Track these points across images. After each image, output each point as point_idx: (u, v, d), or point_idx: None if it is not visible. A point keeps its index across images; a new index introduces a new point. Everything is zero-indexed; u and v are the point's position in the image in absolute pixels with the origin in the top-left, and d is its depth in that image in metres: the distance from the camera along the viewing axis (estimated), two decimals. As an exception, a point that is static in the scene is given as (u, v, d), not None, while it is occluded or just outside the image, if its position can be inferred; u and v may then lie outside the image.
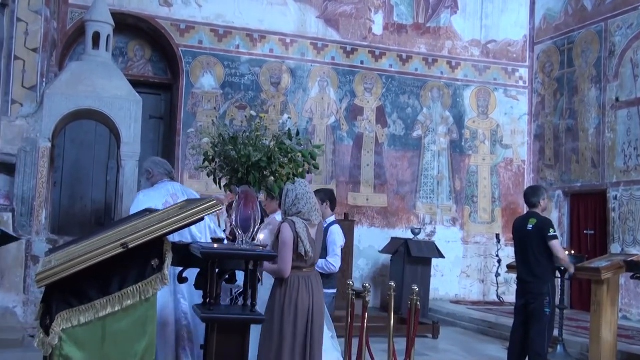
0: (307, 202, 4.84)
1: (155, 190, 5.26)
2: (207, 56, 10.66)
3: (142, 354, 3.45)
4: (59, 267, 3.27)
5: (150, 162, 5.61)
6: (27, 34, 7.88)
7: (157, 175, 5.40)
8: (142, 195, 5.22)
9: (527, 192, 6.74)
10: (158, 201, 5.05)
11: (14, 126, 7.70)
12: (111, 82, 7.94)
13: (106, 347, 3.38)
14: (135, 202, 5.14)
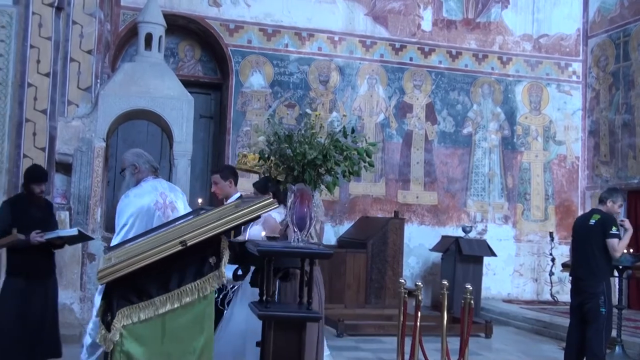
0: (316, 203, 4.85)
1: (144, 189, 4.92)
2: (256, 55, 10.72)
3: (200, 351, 3.48)
4: (119, 264, 3.32)
5: (135, 155, 5.19)
6: (82, 36, 8.03)
7: (143, 170, 5.00)
8: (132, 196, 4.85)
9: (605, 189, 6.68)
10: (149, 201, 4.85)
11: (70, 127, 7.86)
12: (163, 82, 8.04)
13: (166, 344, 3.42)
14: (126, 203, 4.82)
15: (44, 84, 7.66)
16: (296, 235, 3.76)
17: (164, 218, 4.85)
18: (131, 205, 4.77)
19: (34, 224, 5.63)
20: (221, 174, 6.28)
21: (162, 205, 4.91)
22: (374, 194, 11.11)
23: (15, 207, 5.99)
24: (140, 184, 4.95)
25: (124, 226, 4.72)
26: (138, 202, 4.79)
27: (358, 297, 9.77)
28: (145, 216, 4.78)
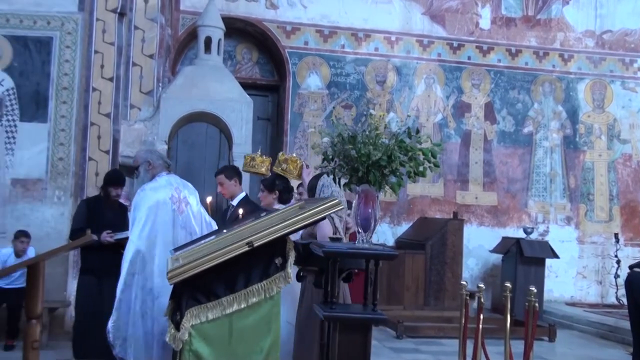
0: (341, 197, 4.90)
1: (160, 183, 5.05)
2: (312, 57, 10.75)
3: (267, 351, 3.51)
4: (187, 265, 3.38)
5: (148, 152, 5.42)
6: (144, 41, 8.19)
7: (157, 166, 5.16)
8: (149, 190, 4.98)
9: None
10: (165, 195, 4.97)
11: (133, 130, 8.03)
12: (223, 85, 8.15)
13: (233, 343, 3.46)
14: (142, 196, 4.93)
15: (108, 88, 7.85)
16: (361, 236, 3.75)
17: (178, 213, 4.99)
18: (148, 199, 4.89)
19: (106, 224, 5.84)
20: (225, 174, 6.31)
21: (177, 199, 5.03)
22: (433, 195, 11.01)
23: (91, 207, 6.22)
24: (155, 179, 5.09)
25: (140, 219, 4.85)
26: (154, 196, 4.91)
27: (417, 299, 9.70)
28: (162, 210, 4.91)
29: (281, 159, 6.04)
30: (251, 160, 6.74)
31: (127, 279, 4.80)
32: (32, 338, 2.91)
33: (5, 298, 7.03)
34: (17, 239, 7.19)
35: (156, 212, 4.88)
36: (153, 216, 4.86)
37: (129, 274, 4.80)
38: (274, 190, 5.75)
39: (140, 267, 4.81)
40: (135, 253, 4.81)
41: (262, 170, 6.65)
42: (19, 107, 7.64)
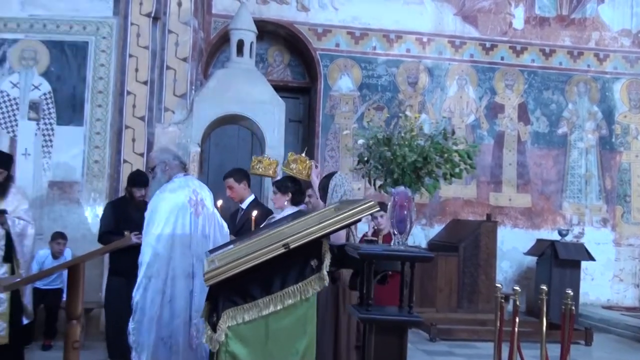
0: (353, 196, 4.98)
1: (178, 185, 4.96)
2: (344, 58, 10.74)
3: (303, 353, 3.51)
4: (224, 266, 3.39)
5: (163, 152, 5.27)
6: (178, 44, 8.27)
7: (173, 167, 5.04)
8: (168, 192, 4.88)
9: None
10: (184, 197, 4.89)
11: (166, 133, 8.10)
12: (255, 88, 8.18)
13: (269, 345, 3.47)
14: (162, 199, 4.84)
15: (142, 91, 7.95)
16: (396, 238, 3.74)
17: (196, 215, 4.92)
18: (167, 201, 4.81)
19: (133, 225, 5.87)
20: (234, 178, 6.31)
21: (195, 202, 4.96)
22: (465, 197, 10.92)
23: (117, 209, 6.29)
24: (172, 180, 4.98)
25: (159, 222, 4.76)
26: (173, 199, 4.83)
27: (450, 301, 9.62)
28: (180, 212, 4.84)
29: (290, 159, 5.97)
30: (258, 162, 6.71)
31: (144, 283, 4.75)
32: (73, 338, 2.95)
33: (43, 299, 7.15)
34: (54, 241, 7.31)
35: (175, 215, 4.81)
36: (173, 219, 4.80)
37: (146, 277, 4.74)
38: (287, 192, 5.71)
39: (158, 271, 4.75)
40: (153, 256, 4.74)
41: (270, 173, 6.65)
42: (56, 111, 7.78)
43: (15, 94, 7.77)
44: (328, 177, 5.21)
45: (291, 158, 5.96)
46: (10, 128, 7.69)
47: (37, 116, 7.76)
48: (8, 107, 7.73)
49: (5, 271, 6.12)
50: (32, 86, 7.79)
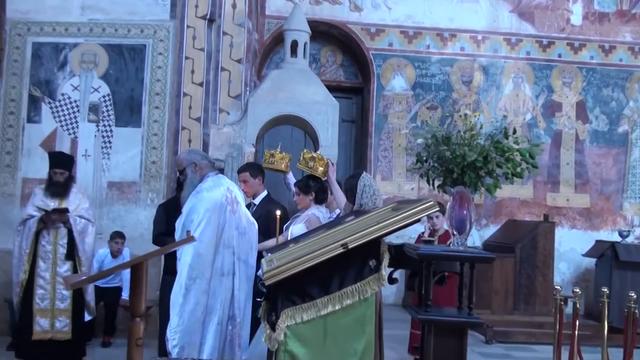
0: (380, 197, 4.92)
1: (213, 184, 4.93)
2: (397, 58, 10.68)
3: (361, 353, 3.50)
4: (283, 266, 3.41)
5: (191, 153, 5.29)
6: (232, 46, 8.34)
7: (204, 167, 5.03)
8: (205, 191, 4.85)
9: None
10: (220, 196, 4.86)
11: (221, 133, 8.18)
12: (309, 88, 8.20)
13: (327, 345, 3.47)
14: (200, 198, 4.80)
15: (198, 93, 8.06)
16: (456, 238, 3.70)
17: (232, 213, 4.89)
18: (206, 201, 4.76)
19: None
20: (250, 172, 6.19)
21: (230, 200, 4.94)
22: (521, 197, 10.73)
23: (168, 210, 6.35)
24: (205, 179, 4.95)
25: (200, 222, 4.70)
26: (211, 197, 4.79)
27: (506, 303, 9.46)
28: (218, 211, 4.81)
29: (307, 157, 5.90)
30: (270, 156, 6.60)
31: (188, 284, 4.66)
32: (136, 336, 3.00)
33: (103, 296, 7.31)
34: (112, 240, 7.46)
35: (214, 214, 4.78)
36: (214, 218, 4.77)
37: (190, 278, 4.66)
38: (310, 192, 5.67)
39: (202, 272, 4.70)
40: (196, 257, 4.67)
41: (282, 167, 6.54)
42: (115, 113, 7.94)
43: (75, 96, 7.96)
44: (355, 178, 5.11)
45: (307, 156, 5.90)
46: (71, 130, 7.88)
47: (97, 118, 7.94)
48: (69, 109, 7.93)
49: (68, 268, 6.30)
50: (91, 89, 7.97)
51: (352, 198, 5.07)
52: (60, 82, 7.97)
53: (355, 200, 5.00)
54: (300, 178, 6.08)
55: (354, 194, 5.00)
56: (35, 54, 7.97)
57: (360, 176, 5.09)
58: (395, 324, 7.88)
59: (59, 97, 7.95)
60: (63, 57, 7.96)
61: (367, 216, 3.75)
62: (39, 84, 7.96)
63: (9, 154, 7.97)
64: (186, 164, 5.03)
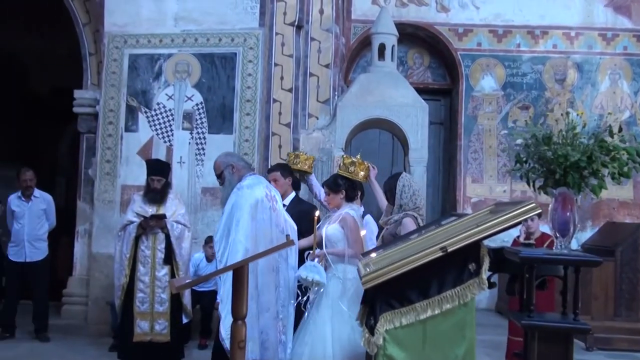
0: (421, 197, 4.94)
1: (253, 182, 4.99)
2: (486, 58, 10.48)
3: (462, 359, 3.43)
4: (380, 270, 3.39)
5: (228, 155, 5.33)
6: (320, 51, 8.41)
7: (241, 168, 5.10)
8: (246, 188, 4.89)
9: None
10: (262, 193, 4.91)
11: (311, 138, 8.25)
12: (397, 91, 8.15)
13: (427, 350, 3.42)
14: (241, 195, 4.83)
15: (287, 99, 8.16)
16: (559, 241, 3.57)
17: (272, 210, 4.91)
18: (248, 197, 4.81)
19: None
20: (281, 172, 6.17)
21: (270, 197, 4.98)
22: (620, 198, 10.29)
23: None
24: (244, 179, 5.00)
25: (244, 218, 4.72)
26: (253, 194, 4.84)
27: (606, 309, 9.06)
28: (261, 207, 4.84)
29: (347, 162, 5.87)
30: (295, 157, 6.70)
31: None
32: (239, 338, 3.06)
33: (199, 300, 7.49)
34: (207, 244, 7.63)
35: (257, 210, 4.82)
36: (256, 214, 4.80)
37: None
38: (340, 190, 5.58)
39: (251, 267, 4.53)
40: (245, 253, 4.65)
41: (305, 168, 6.64)
42: (207, 120, 8.13)
43: (170, 105, 8.20)
44: (394, 178, 5.14)
45: (347, 161, 5.89)
46: (166, 138, 8.13)
47: (191, 126, 8.14)
48: (164, 118, 8.18)
49: (166, 272, 6.50)
50: (185, 97, 8.19)
51: (392, 199, 5.04)
52: (156, 91, 8.23)
53: (395, 201, 4.96)
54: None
55: (393, 195, 4.98)
56: (132, 66, 8.26)
57: (400, 177, 5.05)
58: (489, 329, 7.73)
59: (155, 107, 8.21)
60: (158, 67, 8.21)
61: (465, 219, 3.69)
62: (136, 94, 8.24)
63: (108, 162, 8.28)
64: (223, 166, 5.11)
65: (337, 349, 4.86)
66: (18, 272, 7.90)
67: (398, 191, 4.94)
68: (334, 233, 5.27)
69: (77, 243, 8.63)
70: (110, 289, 7.19)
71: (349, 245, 5.24)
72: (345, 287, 5.09)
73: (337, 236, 5.27)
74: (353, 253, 5.18)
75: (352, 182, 5.67)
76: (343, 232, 5.28)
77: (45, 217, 8.13)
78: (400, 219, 4.92)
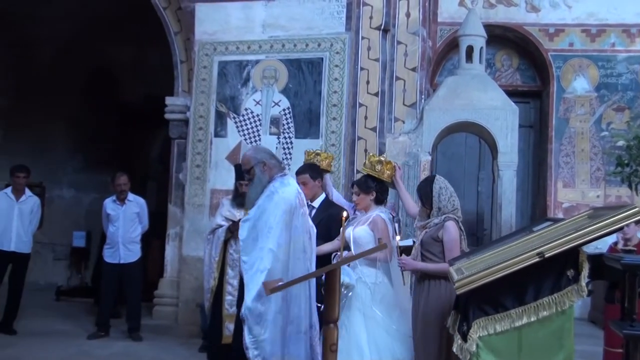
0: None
1: (285, 184, 4.65)
2: (579, 58, 10.12)
3: (559, 368, 3.31)
4: (474, 275, 3.32)
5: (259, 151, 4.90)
6: (406, 55, 8.35)
7: (272, 166, 4.73)
8: (280, 192, 4.56)
9: None
10: (293, 197, 4.60)
11: (397, 142, 8.20)
12: (486, 94, 7.99)
13: (522, 358, 3.33)
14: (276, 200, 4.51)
15: (373, 103, 8.13)
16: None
17: (302, 216, 4.64)
18: (282, 202, 4.50)
19: None
20: (310, 174, 5.97)
21: (302, 201, 4.72)
22: None
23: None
24: (276, 179, 4.66)
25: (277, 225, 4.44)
26: (286, 199, 4.54)
27: None
28: (294, 212, 4.55)
29: (374, 160, 5.67)
30: (315, 155, 6.53)
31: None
32: (330, 341, 3.06)
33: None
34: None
35: (290, 216, 4.52)
36: (290, 221, 4.51)
37: None
38: (371, 191, 5.44)
39: (280, 276, 4.36)
40: (275, 262, 4.38)
41: (324, 165, 6.44)
42: (294, 125, 8.21)
43: (258, 110, 8.34)
44: (429, 182, 5.03)
45: (374, 159, 5.70)
46: (254, 142, 8.26)
47: (278, 131, 8.25)
48: (252, 123, 8.32)
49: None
50: (272, 103, 8.31)
51: (428, 202, 4.91)
52: (244, 97, 8.39)
53: (433, 204, 4.86)
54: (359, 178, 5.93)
55: (430, 198, 4.88)
56: (221, 72, 8.46)
57: (435, 179, 4.94)
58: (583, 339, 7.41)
59: (243, 112, 8.37)
60: (246, 73, 8.37)
61: (562, 224, 3.56)
62: (225, 100, 8.43)
63: (198, 167, 8.50)
64: (254, 162, 4.71)
65: (375, 355, 4.78)
66: (113, 273, 8.20)
67: (435, 194, 4.87)
68: (363, 235, 5.20)
69: (168, 246, 8.90)
70: (200, 291, 7.35)
71: None
72: (373, 292, 5.02)
73: (366, 239, 5.19)
74: (384, 257, 5.09)
75: (382, 184, 5.57)
76: (373, 234, 5.19)
77: (139, 220, 8.41)
78: (442, 222, 4.83)
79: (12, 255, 8.19)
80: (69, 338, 7.99)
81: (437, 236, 4.83)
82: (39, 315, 9.09)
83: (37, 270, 11.61)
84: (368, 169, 5.65)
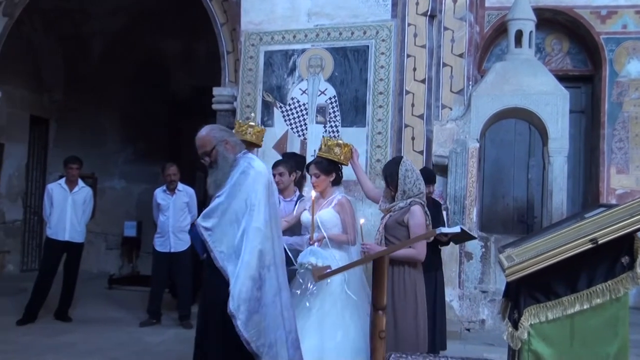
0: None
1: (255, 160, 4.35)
2: (632, 41, 9.83)
3: (613, 358, 3.24)
4: (525, 262, 3.26)
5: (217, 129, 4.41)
6: (453, 40, 8.23)
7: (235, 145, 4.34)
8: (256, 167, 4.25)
9: None
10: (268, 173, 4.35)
11: (444, 129, 8.12)
12: (536, 79, 7.85)
13: (575, 346, 3.26)
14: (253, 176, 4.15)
15: (420, 90, 8.06)
16: None
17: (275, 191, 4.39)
18: (260, 177, 4.15)
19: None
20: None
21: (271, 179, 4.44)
22: None
23: None
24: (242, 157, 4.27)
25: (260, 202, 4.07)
26: (262, 173, 4.20)
27: None
28: (271, 187, 4.25)
29: (331, 144, 5.51)
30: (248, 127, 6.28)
31: (262, 274, 4.02)
32: (379, 328, 3.05)
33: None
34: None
35: (270, 192, 4.20)
36: (270, 197, 4.18)
37: (263, 267, 4.03)
38: (332, 173, 5.37)
39: (272, 258, 4.10)
40: (265, 241, 4.06)
41: (253, 139, 6.23)
42: (340, 114, 8.20)
43: (304, 100, 8.35)
44: (395, 163, 4.90)
45: (331, 143, 5.54)
46: (300, 132, 8.28)
47: (324, 119, 8.25)
48: (298, 112, 8.34)
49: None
50: (318, 91, 8.31)
51: (393, 184, 4.81)
52: (290, 87, 8.41)
53: (398, 186, 4.74)
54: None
55: (395, 180, 4.77)
56: (267, 62, 8.49)
57: (402, 161, 4.83)
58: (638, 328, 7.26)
59: (289, 101, 8.39)
60: (292, 63, 8.38)
61: (616, 209, 3.47)
62: (271, 89, 8.46)
63: (246, 156, 8.55)
64: (215, 142, 4.24)
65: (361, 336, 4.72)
66: (164, 262, 8.35)
67: (401, 176, 4.76)
68: (329, 218, 5.14)
69: (217, 234, 8.97)
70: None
71: (344, 231, 5.13)
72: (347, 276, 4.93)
73: (332, 221, 5.13)
74: (353, 239, 5.07)
75: (337, 166, 5.50)
76: (339, 217, 5.15)
77: (188, 209, 8.53)
78: (408, 206, 4.74)
79: (66, 244, 8.40)
80: (121, 325, 8.18)
81: (403, 220, 4.71)
82: (92, 303, 9.34)
83: (90, 259, 11.93)
84: (325, 152, 5.51)
